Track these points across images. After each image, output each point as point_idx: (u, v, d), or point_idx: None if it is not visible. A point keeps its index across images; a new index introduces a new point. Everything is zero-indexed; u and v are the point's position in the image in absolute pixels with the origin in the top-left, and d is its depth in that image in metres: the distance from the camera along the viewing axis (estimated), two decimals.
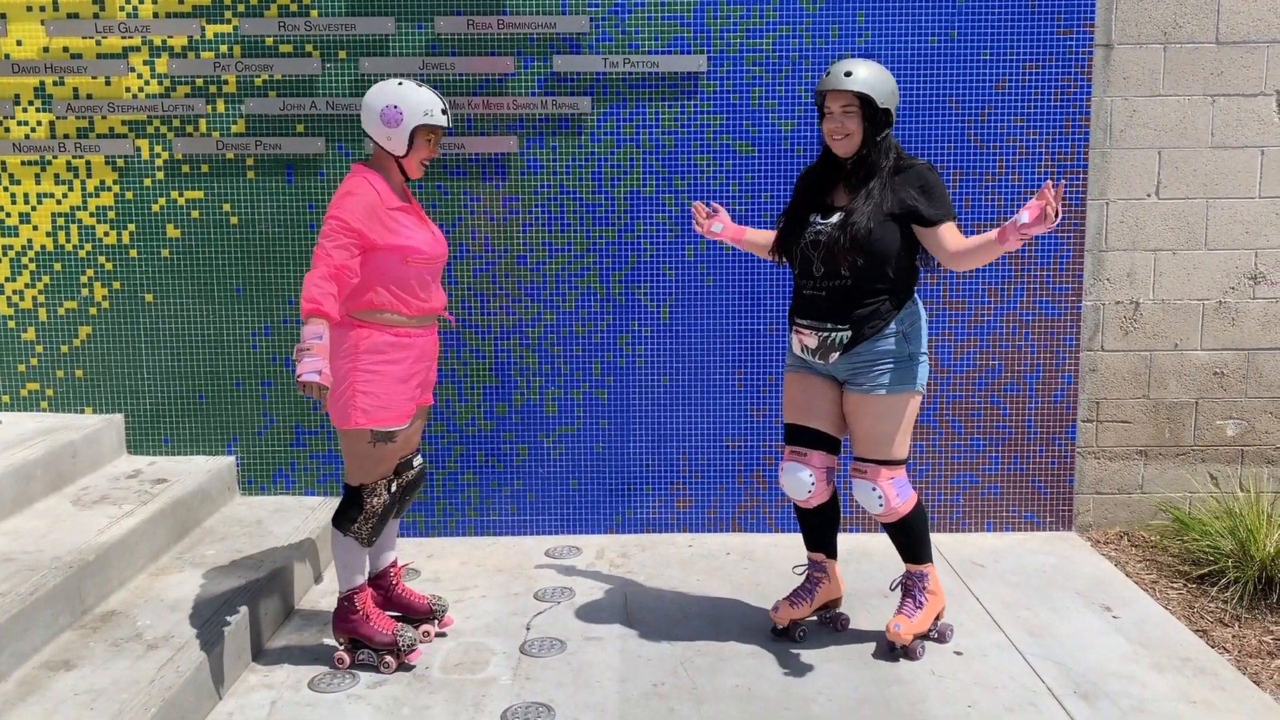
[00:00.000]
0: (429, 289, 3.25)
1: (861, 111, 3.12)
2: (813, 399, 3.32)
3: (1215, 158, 4.34)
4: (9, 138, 4.27)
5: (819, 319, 3.21)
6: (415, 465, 3.41)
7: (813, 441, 3.32)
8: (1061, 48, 4.20)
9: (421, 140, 3.19)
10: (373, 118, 3.16)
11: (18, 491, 3.73)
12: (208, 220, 4.31)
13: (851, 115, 3.12)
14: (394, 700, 3.12)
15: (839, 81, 3.09)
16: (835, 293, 3.19)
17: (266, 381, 4.39)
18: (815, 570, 3.50)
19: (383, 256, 3.12)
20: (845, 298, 3.18)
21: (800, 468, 3.30)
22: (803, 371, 3.35)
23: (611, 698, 3.13)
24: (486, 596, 3.86)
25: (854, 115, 3.12)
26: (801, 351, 3.30)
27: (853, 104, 3.11)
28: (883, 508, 3.26)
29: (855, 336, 3.17)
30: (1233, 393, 4.47)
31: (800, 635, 3.48)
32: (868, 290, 3.17)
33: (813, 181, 3.31)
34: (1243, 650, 3.51)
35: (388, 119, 3.14)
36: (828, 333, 3.19)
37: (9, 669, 2.90)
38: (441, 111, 3.19)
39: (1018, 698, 3.12)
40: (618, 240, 4.32)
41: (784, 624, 3.46)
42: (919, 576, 3.41)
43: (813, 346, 3.24)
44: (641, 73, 4.21)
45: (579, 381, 4.40)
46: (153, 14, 4.18)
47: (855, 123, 3.12)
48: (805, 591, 3.49)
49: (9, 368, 4.40)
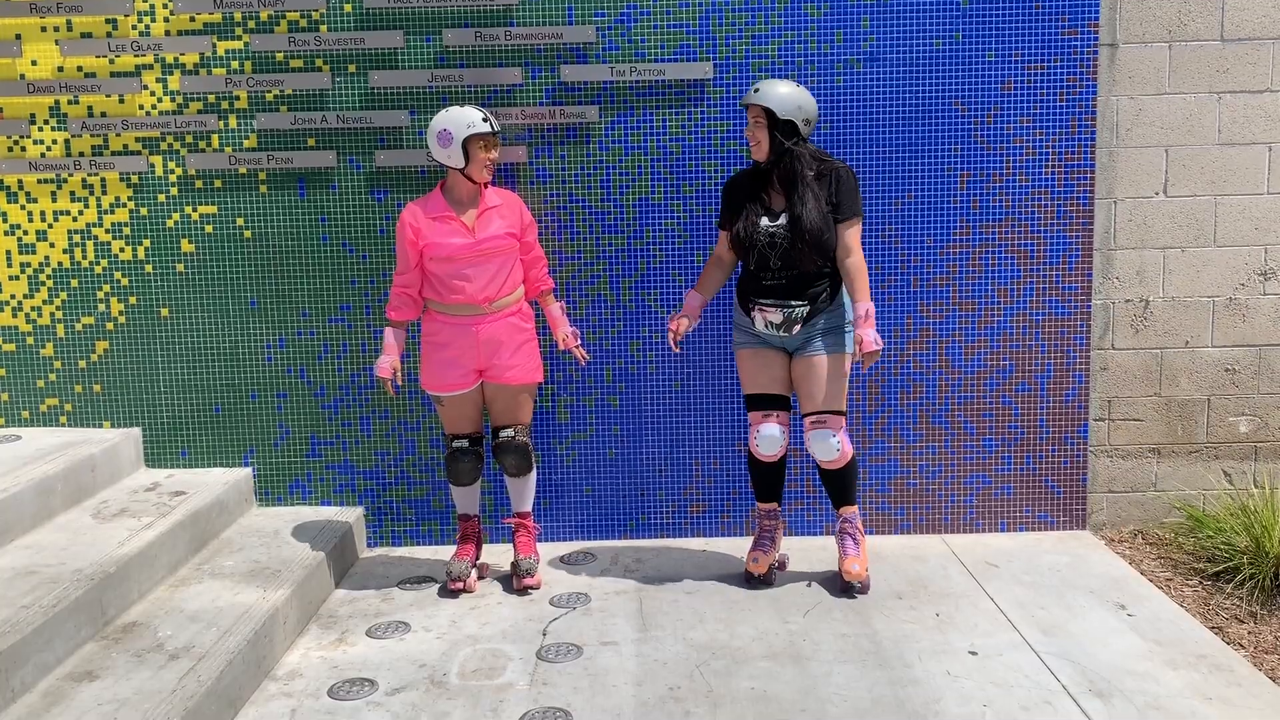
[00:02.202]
0: (464, 281, 3.77)
1: (768, 122, 3.62)
2: (771, 368, 3.86)
3: (1223, 155, 4.34)
4: (25, 156, 4.32)
5: (782, 299, 3.73)
6: (501, 436, 3.96)
7: (775, 404, 3.86)
8: (1067, 48, 4.22)
9: (475, 149, 3.72)
10: (434, 146, 3.75)
11: (39, 506, 3.78)
12: (221, 235, 4.36)
13: (760, 125, 3.65)
14: (412, 707, 3.15)
15: (750, 96, 3.66)
16: (793, 279, 3.73)
17: (282, 393, 4.43)
18: (769, 519, 4.03)
19: (425, 262, 3.81)
20: (801, 281, 3.73)
21: (773, 425, 3.83)
22: (757, 347, 3.87)
23: (628, 702, 3.15)
24: (502, 603, 3.89)
25: (762, 125, 3.65)
26: (765, 328, 3.79)
27: (760, 116, 3.64)
28: (838, 453, 3.78)
29: (812, 311, 3.74)
30: (1245, 389, 4.47)
31: (774, 579, 3.98)
32: (816, 274, 3.74)
33: (744, 187, 3.80)
34: (1258, 646, 3.51)
35: (443, 141, 3.71)
36: (791, 309, 3.72)
37: (34, 680, 2.94)
38: (483, 120, 3.71)
39: (1033, 697, 3.13)
40: (627, 247, 4.35)
41: (764, 570, 3.95)
42: (852, 518, 3.94)
43: (777, 322, 3.75)
44: (648, 81, 4.24)
45: (591, 388, 4.43)
46: (165, 32, 4.23)
47: (763, 132, 3.65)
48: (769, 539, 4.02)
49: (28, 383, 4.46)
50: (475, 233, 3.78)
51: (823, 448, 3.78)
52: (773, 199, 3.74)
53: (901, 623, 3.63)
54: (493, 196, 3.86)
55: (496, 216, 3.82)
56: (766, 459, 3.89)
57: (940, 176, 4.29)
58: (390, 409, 4.43)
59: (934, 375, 4.39)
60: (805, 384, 3.81)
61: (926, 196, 4.30)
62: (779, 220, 3.69)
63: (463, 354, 3.84)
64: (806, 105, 3.65)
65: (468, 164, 3.73)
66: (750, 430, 3.88)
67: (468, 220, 3.79)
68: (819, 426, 3.78)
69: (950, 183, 4.29)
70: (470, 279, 3.78)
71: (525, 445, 3.97)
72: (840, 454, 3.79)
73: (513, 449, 3.95)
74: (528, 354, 3.93)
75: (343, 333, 4.39)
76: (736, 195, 3.81)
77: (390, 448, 4.46)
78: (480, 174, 3.76)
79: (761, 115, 3.63)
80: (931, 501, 4.46)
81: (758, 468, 3.97)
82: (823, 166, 3.69)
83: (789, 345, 3.83)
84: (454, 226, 3.78)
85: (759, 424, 3.85)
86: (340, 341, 4.40)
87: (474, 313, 3.81)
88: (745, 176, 3.84)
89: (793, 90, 3.64)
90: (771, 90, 3.62)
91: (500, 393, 3.92)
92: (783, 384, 3.87)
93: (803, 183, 3.65)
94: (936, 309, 4.35)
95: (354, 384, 4.42)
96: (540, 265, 3.99)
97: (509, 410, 3.95)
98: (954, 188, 4.29)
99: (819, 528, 4.47)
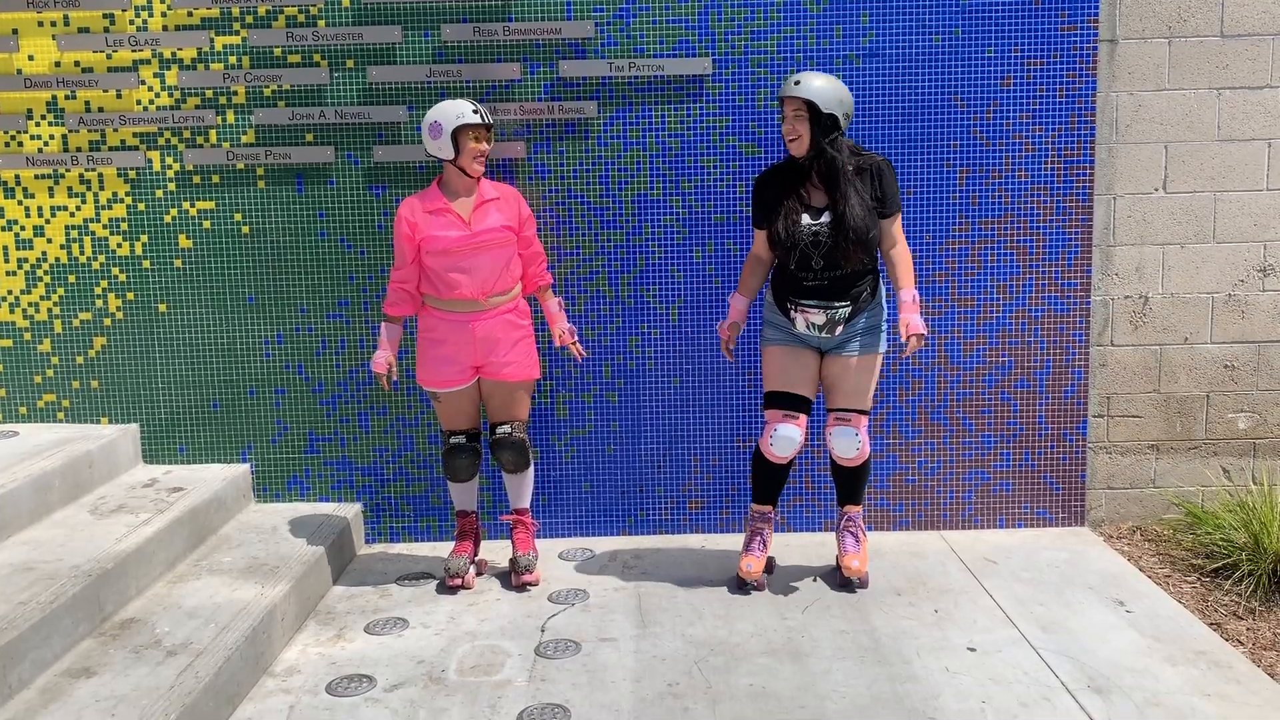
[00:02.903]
0: (461, 274, 3.76)
1: (809, 116, 3.50)
2: (803, 368, 3.76)
3: (1222, 151, 4.34)
4: (22, 152, 4.31)
5: (825, 300, 3.64)
6: (498, 432, 3.93)
7: (799, 405, 3.76)
8: (1066, 43, 4.21)
9: (465, 141, 3.71)
10: (426, 139, 3.76)
11: (36, 502, 3.77)
12: (219, 230, 4.35)
13: (801, 119, 3.53)
14: (410, 703, 3.14)
15: (789, 89, 3.53)
16: (835, 280, 3.63)
17: (280, 389, 4.42)
18: (763, 521, 3.94)
19: (422, 256, 3.80)
20: (844, 281, 3.64)
21: (793, 428, 3.72)
22: (793, 345, 3.77)
23: (626, 698, 3.15)
24: (501, 600, 3.88)
25: (803, 119, 3.53)
26: (806, 329, 3.70)
27: (801, 109, 3.52)
28: (858, 450, 3.73)
29: (854, 311, 3.67)
30: (1244, 385, 4.47)
31: (765, 583, 3.92)
32: (860, 274, 3.66)
33: (779, 184, 3.68)
34: (1257, 643, 3.51)
35: (433, 133, 3.72)
36: (834, 309, 3.64)
37: (31, 676, 2.94)
38: (473, 111, 3.70)
39: (1032, 693, 3.13)
40: (626, 243, 4.35)
41: (758, 575, 3.88)
42: (856, 517, 3.94)
43: (820, 323, 3.66)
44: (647, 76, 4.23)
45: (589, 384, 4.42)
46: (162, 27, 4.22)
47: (804, 125, 3.53)
48: (761, 542, 3.94)
49: (26, 379, 4.45)
50: (471, 225, 3.76)
51: (845, 445, 3.72)
52: (812, 195, 3.61)
53: (900, 619, 3.63)
54: (490, 190, 3.85)
55: (494, 209, 3.81)
56: (777, 460, 3.78)
57: (939, 172, 4.28)
58: (388, 405, 4.42)
59: (933, 371, 4.39)
60: (838, 381, 3.73)
61: (925, 192, 4.29)
62: (822, 218, 3.57)
63: (459, 350, 3.83)
64: (846, 99, 3.55)
65: (458, 155, 3.72)
66: (765, 428, 3.77)
67: (464, 213, 3.78)
68: (843, 423, 3.72)
69: (949, 179, 4.28)
70: (467, 272, 3.76)
71: (522, 441, 3.95)
72: (860, 452, 3.75)
73: (509, 445, 3.94)
74: (524, 350, 3.92)
75: (341, 329, 4.38)
76: (771, 192, 3.68)
77: (388, 444, 4.46)
78: (471, 165, 3.74)
79: (803, 108, 3.51)
80: (930, 498, 4.46)
81: (764, 468, 3.86)
82: (861, 160, 3.61)
83: (825, 345, 3.75)
84: (450, 219, 3.76)
85: (777, 423, 3.74)
86: (338, 337, 4.39)
87: (471, 308, 3.80)
88: (778, 173, 3.72)
89: (833, 83, 3.54)
90: (812, 82, 3.50)
91: (497, 389, 3.91)
92: (811, 384, 3.78)
93: (845, 179, 3.54)
94: (935, 305, 4.35)
95: (352, 380, 4.41)
96: (539, 261, 3.97)
97: (506, 406, 3.94)
98: (953, 184, 4.29)
99: (818, 524, 4.47)
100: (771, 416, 3.76)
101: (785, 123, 3.58)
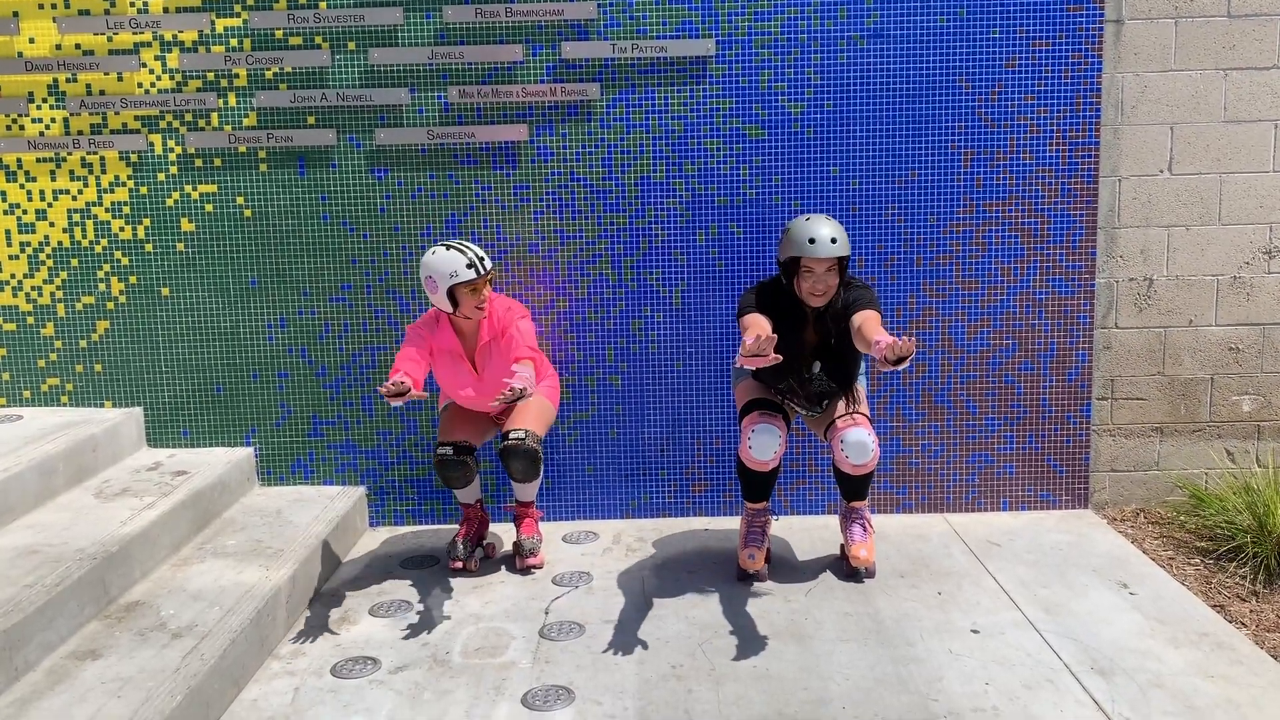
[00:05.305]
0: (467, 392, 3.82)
1: (838, 265, 3.48)
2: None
3: (1228, 132, 4.31)
4: (24, 135, 4.30)
5: (813, 405, 3.73)
6: (510, 438, 3.73)
7: (777, 410, 3.70)
8: (1071, 24, 4.18)
9: (463, 294, 3.63)
10: (424, 285, 3.66)
11: (41, 485, 3.78)
12: (221, 214, 4.34)
13: (833, 273, 3.48)
14: (415, 685, 3.15)
15: (826, 250, 3.41)
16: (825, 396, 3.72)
17: (283, 373, 4.42)
18: (760, 517, 3.89)
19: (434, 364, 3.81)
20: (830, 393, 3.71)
21: (772, 428, 3.61)
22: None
23: (630, 679, 3.16)
24: (505, 582, 3.89)
25: (834, 272, 3.48)
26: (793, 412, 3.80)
27: (834, 266, 3.47)
28: (872, 453, 3.59)
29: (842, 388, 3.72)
30: (1248, 368, 4.46)
31: (766, 574, 3.87)
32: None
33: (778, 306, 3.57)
34: (1260, 625, 3.51)
35: (429, 289, 3.64)
36: (820, 409, 3.75)
37: (37, 659, 2.95)
38: (467, 266, 3.58)
39: (1035, 675, 3.13)
40: (629, 226, 4.33)
41: (760, 566, 3.83)
42: (861, 509, 3.90)
43: (806, 413, 3.78)
44: (650, 58, 4.21)
45: (593, 368, 4.42)
46: (163, 9, 4.20)
47: (835, 278, 3.49)
48: (761, 535, 3.88)
49: (29, 363, 4.45)
50: (480, 373, 3.80)
51: (858, 449, 3.57)
52: (807, 332, 3.60)
53: (904, 601, 3.63)
54: (486, 330, 3.77)
55: (494, 352, 3.78)
56: (759, 466, 3.65)
57: (944, 154, 4.26)
58: None
59: (936, 354, 4.38)
60: (830, 408, 3.74)
61: (930, 174, 4.27)
62: (815, 368, 3.61)
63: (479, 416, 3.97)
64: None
65: (456, 309, 3.66)
66: (742, 435, 3.64)
67: (469, 352, 3.80)
68: (852, 425, 3.59)
69: (954, 160, 4.26)
70: (477, 397, 3.85)
71: (535, 451, 3.72)
72: (873, 455, 3.59)
73: (521, 454, 3.69)
74: (546, 393, 3.95)
75: (344, 312, 4.38)
76: (775, 312, 3.56)
77: (392, 427, 4.46)
78: (472, 313, 3.69)
79: (835, 265, 3.46)
80: (934, 480, 4.46)
81: (749, 475, 3.76)
82: (849, 294, 3.56)
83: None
84: (462, 370, 3.80)
85: (754, 424, 3.61)
86: (341, 321, 4.38)
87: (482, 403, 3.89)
88: (778, 296, 3.60)
89: (839, 226, 3.49)
90: (838, 235, 3.43)
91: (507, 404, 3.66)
92: (790, 413, 3.79)
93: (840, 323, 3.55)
94: (939, 288, 4.34)
95: (355, 363, 4.41)
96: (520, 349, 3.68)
97: (520, 412, 3.81)
98: (957, 165, 4.27)
99: (820, 506, 4.47)
100: (749, 420, 3.64)
101: (811, 278, 3.47)
